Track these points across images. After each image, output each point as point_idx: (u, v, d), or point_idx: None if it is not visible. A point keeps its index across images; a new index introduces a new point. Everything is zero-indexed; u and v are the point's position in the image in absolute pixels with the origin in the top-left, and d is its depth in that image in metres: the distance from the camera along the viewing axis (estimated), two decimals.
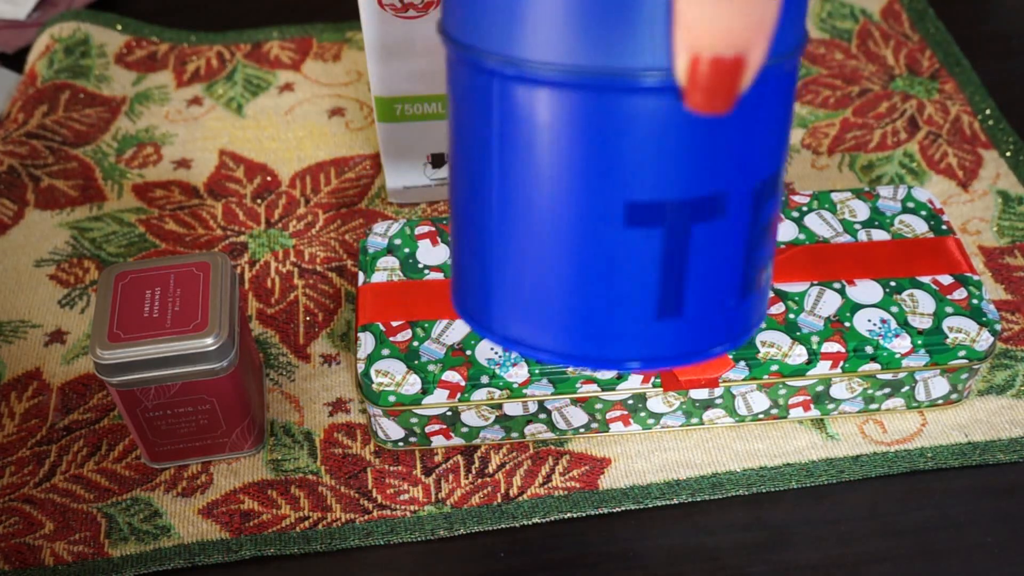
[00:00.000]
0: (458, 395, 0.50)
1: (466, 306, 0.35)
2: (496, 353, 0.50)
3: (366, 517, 0.51)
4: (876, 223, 0.56)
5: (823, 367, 0.51)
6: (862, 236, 0.55)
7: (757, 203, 0.32)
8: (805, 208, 0.57)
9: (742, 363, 0.50)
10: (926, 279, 0.53)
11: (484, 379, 0.50)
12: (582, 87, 0.29)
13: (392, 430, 0.52)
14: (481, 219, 0.33)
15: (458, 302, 0.36)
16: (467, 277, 0.35)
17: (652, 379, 0.50)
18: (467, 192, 0.33)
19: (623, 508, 0.51)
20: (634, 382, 0.50)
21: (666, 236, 0.31)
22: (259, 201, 0.66)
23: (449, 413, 0.51)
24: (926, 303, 0.52)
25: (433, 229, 0.56)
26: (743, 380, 0.51)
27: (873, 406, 0.54)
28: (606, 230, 0.31)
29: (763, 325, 0.51)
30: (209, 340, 0.47)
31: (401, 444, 0.53)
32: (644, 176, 0.30)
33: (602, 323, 0.33)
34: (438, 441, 0.53)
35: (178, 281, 0.49)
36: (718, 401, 0.52)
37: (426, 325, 0.51)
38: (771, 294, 0.52)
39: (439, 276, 0.54)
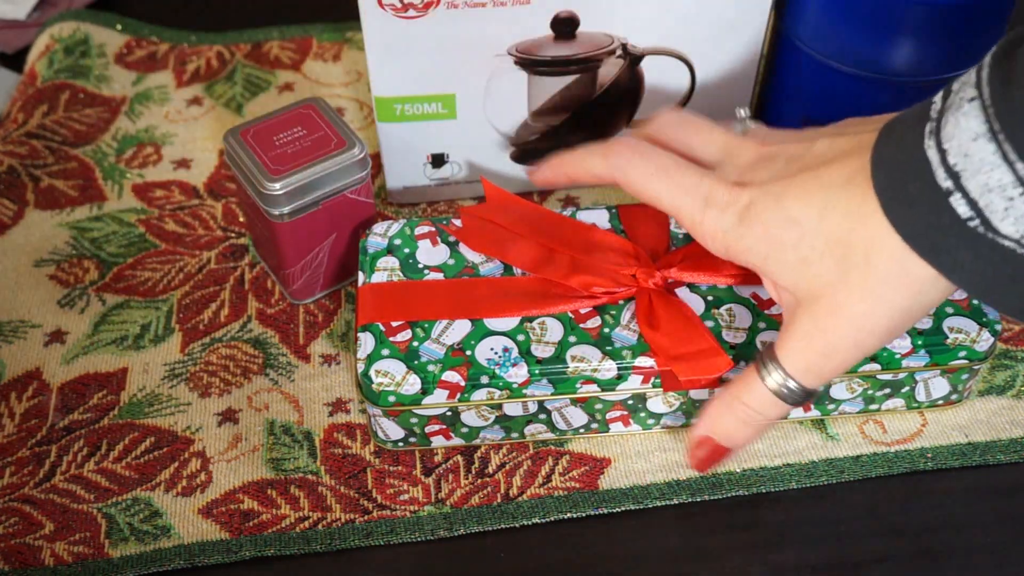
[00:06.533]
0: (458, 395, 0.50)
1: None
2: (496, 353, 0.50)
3: (366, 517, 0.51)
4: None
5: None
6: None
7: None
8: None
9: (742, 363, 0.50)
10: None
11: (484, 379, 0.50)
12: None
13: (392, 430, 0.52)
14: None
15: None
16: None
17: (652, 379, 0.50)
18: None
19: (623, 508, 0.51)
20: (634, 382, 0.50)
21: None
22: None
23: (449, 413, 0.51)
24: None
25: (433, 229, 0.56)
26: None
27: (873, 406, 0.54)
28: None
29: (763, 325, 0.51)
30: (356, 150, 0.55)
31: (401, 444, 0.53)
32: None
33: None
34: (438, 441, 0.53)
35: (297, 121, 0.56)
36: None
37: (426, 325, 0.51)
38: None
39: (439, 276, 0.54)
